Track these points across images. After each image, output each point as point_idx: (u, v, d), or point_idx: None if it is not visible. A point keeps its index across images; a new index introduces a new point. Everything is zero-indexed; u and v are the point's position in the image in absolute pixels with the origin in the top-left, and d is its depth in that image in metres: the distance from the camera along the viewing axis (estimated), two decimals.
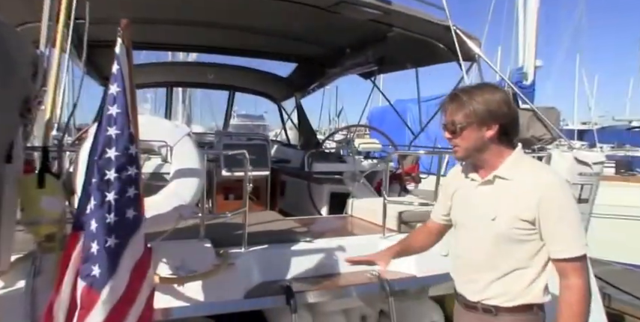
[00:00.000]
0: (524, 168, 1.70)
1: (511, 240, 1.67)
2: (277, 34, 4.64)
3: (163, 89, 7.59)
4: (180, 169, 1.97)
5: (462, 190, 1.87)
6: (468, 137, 1.69)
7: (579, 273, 1.62)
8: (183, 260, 2.17)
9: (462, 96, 1.69)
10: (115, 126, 1.37)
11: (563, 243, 1.62)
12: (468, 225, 1.82)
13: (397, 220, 2.99)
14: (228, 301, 2.23)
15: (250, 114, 23.98)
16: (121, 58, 1.39)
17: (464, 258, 1.85)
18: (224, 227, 2.83)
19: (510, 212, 1.65)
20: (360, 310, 3.17)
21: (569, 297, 1.62)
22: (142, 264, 1.51)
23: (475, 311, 1.78)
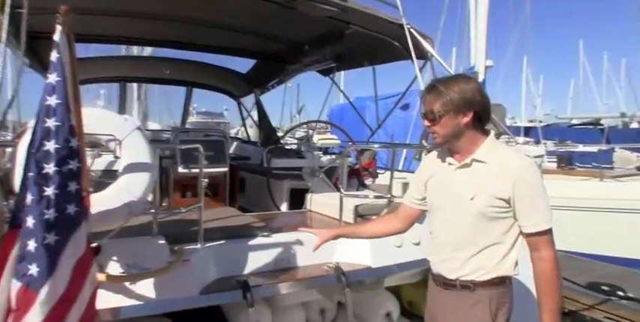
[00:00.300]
0: (498, 152, 1.84)
1: (488, 217, 1.79)
2: (236, 30, 4.55)
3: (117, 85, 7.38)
4: (130, 164, 1.88)
5: (439, 175, 1.98)
6: (445, 124, 1.81)
7: (550, 246, 1.79)
8: (135, 257, 2.08)
9: (439, 87, 1.82)
10: (54, 118, 1.28)
11: (535, 219, 1.76)
12: (446, 207, 1.92)
13: (354, 213, 2.99)
14: (183, 298, 2.16)
15: (210, 111, 23.57)
16: (61, 46, 1.30)
17: (442, 238, 1.96)
18: (179, 224, 2.75)
19: (488, 191, 1.77)
20: (318, 303, 3.17)
21: (544, 268, 1.77)
22: (84, 262, 1.42)
23: (453, 288, 1.90)
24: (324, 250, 2.69)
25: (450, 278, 1.90)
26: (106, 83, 7.17)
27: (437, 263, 1.97)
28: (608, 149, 9.89)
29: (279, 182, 4.55)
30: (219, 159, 3.88)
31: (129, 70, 6.05)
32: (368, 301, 3.28)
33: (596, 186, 7.60)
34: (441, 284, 1.95)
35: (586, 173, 8.20)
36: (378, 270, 2.69)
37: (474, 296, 1.85)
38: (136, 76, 6.57)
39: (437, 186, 1.99)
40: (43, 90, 1.27)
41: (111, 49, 6.50)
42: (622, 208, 7.04)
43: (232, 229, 2.69)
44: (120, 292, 2.01)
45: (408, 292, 3.56)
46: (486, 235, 1.82)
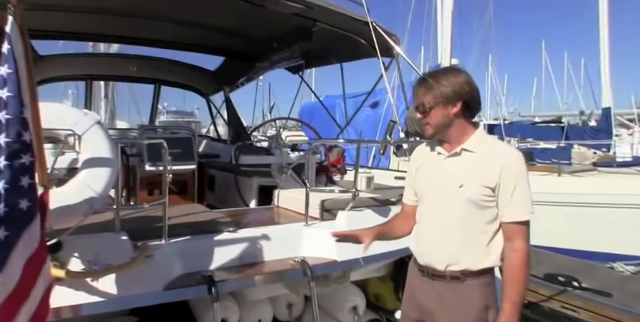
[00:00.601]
0: (487, 143, 1.91)
1: (476, 205, 1.83)
2: (203, 27, 4.50)
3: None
4: (90, 159, 1.83)
5: (428, 164, 2.03)
6: (435, 115, 1.88)
7: (524, 237, 1.82)
8: (97, 254, 2.03)
9: (429, 80, 1.88)
10: (5, 111, 1.23)
11: (515, 208, 1.81)
12: (435, 195, 1.96)
13: (320, 208, 3.00)
14: (146, 294, 2.13)
15: (181, 110, 23.21)
16: (12, 38, 1.25)
17: (430, 228, 1.99)
18: (144, 220, 2.70)
19: (476, 179, 1.82)
20: (285, 297, 3.17)
21: (513, 259, 1.81)
22: (38, 259, 1.38)
23: (442, 279, 1.92)
24: (290, 245, 2.72)
25: (439, 269, 1.92)
26: (72, 81, 6.95)
27: (424, 253, 1.98)
28: (567, 146, 10.23)
29: (248, 179, 4.52)
30: (186, 156, 3.83)
31: (95, 67, 5.88)
32: (334, 295, 3.30)
33: (554, 181, 7.80)
34: (429, 275, 1.96)
35: (545, 169, 8.41)
36: (343, 264, 2.71)
37: (464, 286, 1.88)
38: (102, 74, 6.41)
39: (426, 175, 2.04)
40: None
41: (78, 46, 6.33)
42: (578, 202, 7.27)
43: (198, 225, 2.66)
44: (81, 289, 1.96)
45: (375, 286, 3.60)
46: (474, 223, 1.85)
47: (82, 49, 6.43)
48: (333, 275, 2.93)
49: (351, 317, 3.29)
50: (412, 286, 2.11)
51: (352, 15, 3.79)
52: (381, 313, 3.58)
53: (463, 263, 1.87)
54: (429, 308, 1.98)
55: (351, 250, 2.74)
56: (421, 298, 2.01)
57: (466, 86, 1.86)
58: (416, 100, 1.95)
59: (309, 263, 2.55)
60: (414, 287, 2.08)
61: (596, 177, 8.24)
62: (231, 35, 4.74)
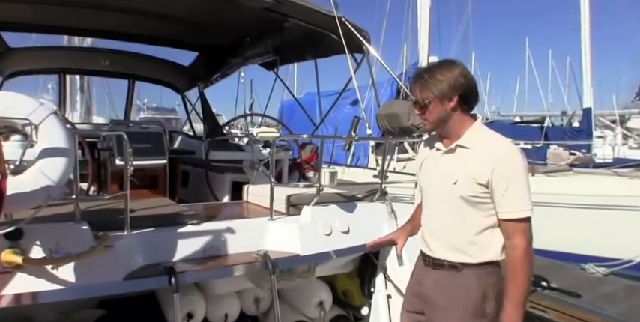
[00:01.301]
0: (482, 138, 1.92)
1: (469, 202, 1.86)
2: (176, 21, 4.53)
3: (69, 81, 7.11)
4: (47, 149, 1.87)
5: (429, 160, 2.11)
6: (432, 110, 1.91)
7: (523, 234, 1.83)
8: (57, 242, 2.08)
9: (424, 76, 1.92)
10: None
11: (511, 205, 1.82)
12: (433, 190, 2.04)
13: (286, 203, 3.07)
14: (106, 283, 2.17)
15: (161, 107, 23.07)
16: None
17: (430, 221, 2.07)
18: (108, 212, 2.75)
19: (469, 176, 1.85)
20: (253, 292, 3.23)
21: (512, 257, 1.84)
22: None
23: (442, 268, 2.00)
24: (254, 239, 2.79)
25: (439, 258, 1.99)
26: (44, 75, 6.91)
27: (426, 243, 2.07)
28: (543, 146, 10.43)
29: (221, 175, 4.57)
30: (156, 151, 3.88)
31: (67, 61, 5.86)
32: (300, 290, 3.37)
33: None
34: (430, 264, 2.05)
35: None
36: (306, 258, 2.78)
37: (462, 276, 1.94)
38: (74, 68, 6.38)
39: (425, 170, 2.12)
40: None
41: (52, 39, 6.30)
42: (550, 202, 7.25)
43: (162, 217, 2.71)
44: (42, 276, 2.01)
45: (343, 282, 3.68)
46: (470, 220, 1.89)
47: (57, 43, 6.39)
48: (298, 269, 3.01)
49: (317, 312, 3.37)
50: (417, 276, 2.19)
51: (322, 10, 3.86)
52: (348, 309, 3.66)
53: (461, 255, 1.94)
54: (429, 297, 2.05)
55: (315, 245, 2.83)
56: (423, 287, 2.10)
57: (461, 78, 1.88)
58: (412, 96, 1.99)
59: (271, 257, 2.61)
60: (418, 276, 2.17)
61: (570, 178, 8.33)
62: (203, 30, 4.78)
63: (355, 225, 3.02)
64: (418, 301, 2.14)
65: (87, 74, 7.49)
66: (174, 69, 6.17)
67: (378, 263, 3.31)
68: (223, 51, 5.32)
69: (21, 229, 1.96)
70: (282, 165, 4.76)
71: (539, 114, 21.47)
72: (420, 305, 2.12)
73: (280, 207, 3.08)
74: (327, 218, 2.94)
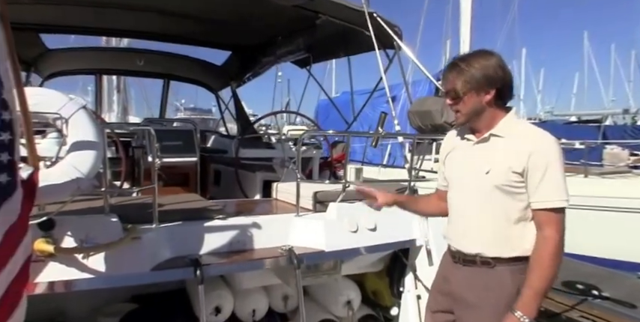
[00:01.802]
0: (517, 128, 1.91)
1: (503, 191, 1.84)
2: (209, 21, 4.72)
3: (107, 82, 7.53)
4: (77, 142, 2.03)
5: (457, 150, 2.08)
6: (467, 102, 1.88)
7: (556, 226, 1.79)
8: (87, 233, 2.24)
9: (460, 64, 1.88)
10: None
11: (545, 194, 1.78)
12: (463, 182, 2.00)
13: (313, 200, 3.15)
14: (134, 273, 2.33)
15: (199, 107, 23.75)
16: None
17: (460, 214, 2.03)
18: (138, 206, 2.92)
19: (504, 165, 1.83)
20: (281, 289, 3.33)
21: (542, 248, 1.79)
22: (17, 230, 1.55)
23: (473, 264, 1.96)
24: (280, 234, 2.88)
25: (470, 254, 1.95)
26: (82, 75, 7.32)
27: (455, 239, 2.04)
28: (598, 146, 10.03)
29: (252, 174, 4.72)
30: (187, 148, 4.06)
31: (103, 61, 6.20)
32: (327, 288, 3.45)
33: (579, 182, 7.55)
34: (460, 261, 2.01)
35: (570, 169, 8.25)
36: (331, 254, 2.85)
37: (494, 272, 1.90)
38: (111, 68, 6.74)
39: (454, 162, 2.09)
40: None
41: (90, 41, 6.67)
42: (606, 206, 7.04)
43: (189, 212, 2.84)
44: (73, 266, 2.18)
45: (372, 281, 3.73)
46: (502, 210, 1.86)
47: (94, 44, 6.76)
48: (324, 266, 3.08)
49: (345, 311, 3.43)
50: (444, 273, 2.17)
51: (354, 6, 3.93)
52: (377, 309, 3.71)
53: (493, 250, 1.89)
54: (459, 294, 2.01)
55: (340, 241, 2.90)
56: (451, 285, 2.06)
57: (499, 71, 1.85)
58: (445, 85, 1.95)
59: (296, 252, 2.70)
60: (446, 273, 2.14)
61: (629, 180, 7.96)
62: (236, 29, 4.95)
63: (382, 222, 3.06)
64: (446, 299, 2.12)
65: (123, 74, 7.88)
66: (208, 68, 6.39)
67: (408, 262, 3.33)
68: (256, 49, 5.49)
69: (53, 220, 2.13)
70: (313, 163, 4.85)
71: (599, 113, 20.56)
72: (448, 303, 2.10)
73: (307, 204, 3.16)
74: (353, 215, 3.00)
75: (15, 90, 1.59)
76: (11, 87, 1.52)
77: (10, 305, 1.58)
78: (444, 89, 1.98)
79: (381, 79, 4.53)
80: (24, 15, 4.00)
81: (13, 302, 1.60)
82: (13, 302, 1.59)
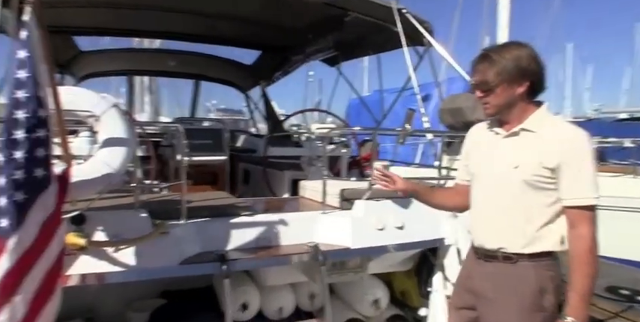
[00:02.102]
0: (549, 122, 1.88)
1: (532, 186, 1.83)
2: (239, 20, 4.85)
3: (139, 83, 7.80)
4: (108, 139, 2.16)
5: (483, 144, 2.07)
6: (499, 95, 1.86)
7: (590, 223, 1.79)
8: (118, 228, 2.37)
9: (492, 55, 1.86)
10: (23, 90, 1.52)
11: (579, 192, 1.79)
12: (490, 176, 1.99)
13: (339, 198, 3.21)
14: (162, 267, 2.44)
15: (230, 108, 24.15)
16: (30, 26, 1.55)
17: (484, 209, 2.02)
18: (167, 202, 3.05)
19: (534, 160, 1.82)
20: (308, 287, 3.40)
21: (579, 246, 1.79)
22: (52, 222, 1.66)
23: (495, 260, 1.96)
24: (306, 232, 2.95)
25: (492, 249, 1.95)
26: (114, 76, 7.61)
27: (478, 234, 2.04)
28: None
29: (280, 172, 4.81)
30: (216, 147, 4.19)
31: (135, 62, 6.43)
32: (354, 286, 3.49)
33: (628, 183, 7.28)
34: (482, 256, 2.01)
35: (618, 169, 7.93)
36: (356, 251, 2.90)
37: (517, 267, 1.89)
38: (142, 69, 6.98)
39: (480, 156, 2.07)
40: (14, 65, 1.54)
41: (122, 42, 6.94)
42: None
43: (217, 208, 2.94)
44: (102, 259, 2.31)
45: (400, 281, 3.75)
46: (529, 205, 1.85)
47: (126, 45, 7.01)
48: (350, 263, 3.14)
49: (373, 310, 3.47)
50: (467, 269, 2.18)
51: (382, 3, 3.96)
52: (405, 310, 3.73)
53: (516, 245, 1.89)
54: (481, 291, 2.02)
55: (367, 239, 2.95)
56: (474, 281, 2.07)
57: (532, 63, 1.84)
58: (475, 77, 1.91)
59: (322, 249, 2.76)
60: (468, 270, 2.15)
61: None
62: (265, 28, 5.06)
63: (410, 221, 3.09)
64: (469, 296, 2.13)
65: (154, 75, 8.15)
66: (238, 68, 6.54)
67: (436, 262, 3.34)
68: (285, 48, 5.60)
69: (84, 214, 2.26)
70: (341, 162, 4.91)
71: None
72: (472, 299, 2.11)
73: (334, 202, 3.22)
74: (380, 212, 3.03)
75: (50, 90, 1.73)
76: (46, 86, 1.65)
77: (46, 293, 1.70)
78: (473, 81, 1.95)
79: (412, 77, 4.53)
80: (58, 18, 4.21)
81: (49, 291, 1.72)
82: (48, 291, 1.72)
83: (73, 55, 5.43)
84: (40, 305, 1.68)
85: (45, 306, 1.69)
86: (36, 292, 1.64)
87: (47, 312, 1.70)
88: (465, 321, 2.16)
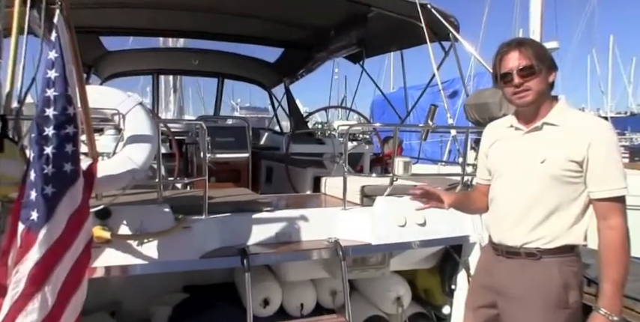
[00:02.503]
0: (570, 115, 1.92)
1: (559, 181, 1.85)
2: (262, 18, 4.95)
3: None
4: (133, 136, 2.27)
5: (505, 140, 2.09)
6: (540, 81, 1.87)
7: (621, 214, 1.82)
8: (140, 222, 2.49)
9: (531, 42, 1.93)
10: (53, 89, 1.64)
11: (608, 183, 1.80)
12: (513, 172, 2.00)
13: (360, 194, 3.26)
14: (184, 260, 2.55)
15: (254, 106, 24.43)
16: (59, 28, 1.66)
17: (507, 205, 2.02)
18: (189, 198, 3.16)
19: (561, 154, 1.84)
20: (329, 284, 3.47)
21: (611, 237, 1.81)
22: (80, 214, 1.77)
23: (517, 256, 1.97)
24: (326, 227, 3.02)
25: (515, 246, 1.96)
26: (139, 75, 7.82)
27: (499, 231, 2.05)
28: None
29: (303, 170, 4.89)
30: (239, 145, 4.30)
31: (160, 62, 6.60)
32: (376, 283, 3.55)
33: None
34: (503, 253, 2.02)
35: None
36: (377, 247, 2.95)
37: (540, 264, 1.91)
38: (167, 68, 7.16)
39: (502, 152, 2.08)
40: (44, 65, 1.66)
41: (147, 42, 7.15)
42: None
43: (238, 204, 3.03)
44: (126, 252, 2.43)
45: (424, 278, 3.77)
46: (555, 200, 1.87)
47: (151, 45, 7.22)
48: (371, 260, 3.19)
49: (395, 308, 3.51)
50: (485, 266, 2.19)
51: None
52: (428, 308, 3.76)
53: (540, 239, 1.90)
54: (503, 288, 2.02)
55: (388, 235, 3.00)
56: (494, 278, 2.07)
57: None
58: (519, 62, 1.88)
59: (342, 245, 2.83)
60: (488, 267, 2.15)
61: None
62: (288, 26, 5.15)
63: (433, 217, 3.11)
64: (488, 293, 2.13)
65: (178, 74, 8.33)
66: (261, 66, 6.65)
67: (460, 259, 3.36)
68: (308, 45, 5.66)
69: (109, 209, 2.38)
70: (364, 159, 4.96)
71: None
72: (492, 297, 2.11)
73: (354, 198, 3.27)
74: (401, 209, 3.06)
75: (77, 89, 1.84)
76: (74, 85, 1.76)
77: (73, 284, 1.81)
78: (513, 67, 1.89)
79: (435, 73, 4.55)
80: (85, 19, 4.39)
81: (76, 282, 1.83)
82: (76, 281, 1.83)
83: (99, 55, 5.62)
84: (69, 296, 1.78)
85: (73, 296, 1.80)
86: (64, 282, 1.74)
87: (75, 302, 1.81)
88: (484, 319, 2.16)
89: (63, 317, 1.72)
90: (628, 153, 9.89)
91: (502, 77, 1.94)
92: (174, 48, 7.78)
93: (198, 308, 3.22)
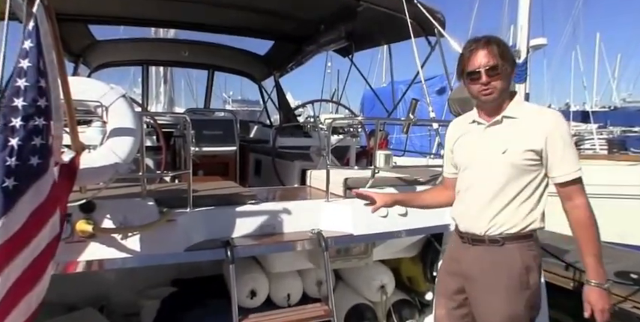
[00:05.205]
0: (526, 109, 2.07)
1: (519, 169, 1.99)
2: (252, 10, 4.87)
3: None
4: (116, 128, 2.23)
5: (468, 135, 2.21)
6: (506, 78, 2.01)
7: (582, 193, 1.99)
8: (125, 216, 2.46)
9: (497, 41, 2.01)
10: (24, 79, 1.56)
11: (567, 168, 1.96)
12: (477, 164, 2.13)
13: (343, 186, 3.27)
14: (168, 253, 2.53)
15: (246, 99, 24.30)
16: (38, 17, 1.58)
17: (472, 195, 2.15)
18: (174, 192, 3.14)
19: (520, 144, 1.98)
20: (315, 274, 3.48)
21: (579, 215, 1.97)
22: (45, 210, 1.67)
23: (482, 243, 2.11)
24: (310, 219, 3.03)
25: (479, 234, 2.09)
26: (128, 66, 7.69)
27: (466, 221, 2.17)
28: None
29: (290, 163, 4.88)
30: (227, 138, 4.27)
31: (150, 52, 6.47)
32: (360, 273, 3.57)
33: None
34: (469, 241, 2.16)
35: (638, 158, 7.92)
36: (359, 237, 2.97)
37: (503, 249, 2.05)
38: (157, 59, 7.05)
39: (466, 146, 2.21)
40: (18, 54, 1.58)
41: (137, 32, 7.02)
42: None
43: (223, 197, 3.02)
44: (110, 246, 2.40)
45: (407, 267, 3.82)
46: (516, 188, 2.01)
47: (141, 35, 7.08)
48: (354, 250, 3.21)
49: (379, 296, 3.55)
50: (452, 253, 2.31)
51: None
52: (412, 295, 3.80)
53: (502, 226, 2.03)
54: (470, 273, 2.15)
55: (370, 226, 3.01)
56: (461, 264, 2.19)
57: None
58: (486, 61, 1.96)
59: (325, 236, 2.84)
60: (455, 255, 2.27)
61: None
62: (279, 18, 5.08)
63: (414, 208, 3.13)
64: (457, 279, 2.24)
65: (168, 65, 8.21)
66: (251, 58, 6.58)
67: (441, 247, 3.40)
68: (298, 38, 5.62)
69: (93, 202, 2.36)
70: (350, 152, 4.96)
71: None
72: (460, 282, 2.22)
73: (338, 190, 3.29)
74: None
75: (59, 80, 1.80)
76: (55, 76, 1.72)
77: (30, 281, 1.71)
78: (481, 65, 1.97)
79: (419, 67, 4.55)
80: (73, 7, 4.29)
81: (34, 279, 1.72)
82: (33, 279, 1.72)
83: (87, 45, 5.50)
84: (23, 293, 1.67)
85: (27, 294, 1.69)
86: (18, 279, 1.63)
87: (29, 300, 1.70)
88: (455, 305, 2.27)
89: (11, 315, 1.62)
90: (607, 145, 10.00)
91: (469, 74, 2.03)
92: (164, 38, 7.64)
93: (187, 301, 3.23)
